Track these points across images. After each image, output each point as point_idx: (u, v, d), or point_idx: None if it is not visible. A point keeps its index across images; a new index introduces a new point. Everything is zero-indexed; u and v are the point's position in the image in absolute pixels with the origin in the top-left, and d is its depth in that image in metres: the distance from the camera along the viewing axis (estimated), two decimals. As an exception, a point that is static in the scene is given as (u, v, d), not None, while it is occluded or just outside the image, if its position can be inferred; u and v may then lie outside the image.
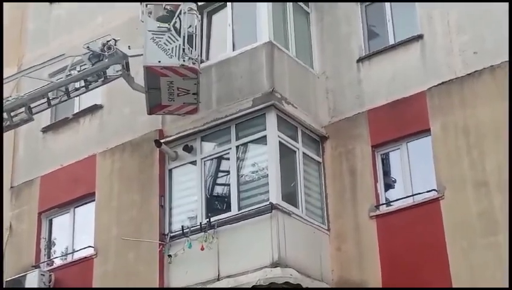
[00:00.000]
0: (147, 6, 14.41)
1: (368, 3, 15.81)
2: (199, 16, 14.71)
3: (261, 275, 13.24)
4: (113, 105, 16.73)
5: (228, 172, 14.58)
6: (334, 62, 15.61)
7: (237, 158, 14.55)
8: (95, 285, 15.39)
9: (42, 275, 15.74)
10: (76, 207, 16.59)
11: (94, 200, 16.14)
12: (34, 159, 17.50)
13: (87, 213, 16.24)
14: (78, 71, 14.80)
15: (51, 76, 16.18)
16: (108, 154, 16.26)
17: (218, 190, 14.84)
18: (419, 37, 14.77)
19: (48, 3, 18.94)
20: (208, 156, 14.93)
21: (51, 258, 16.66)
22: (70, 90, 14.96)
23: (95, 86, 15.02)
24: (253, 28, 15.26)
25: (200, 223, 14.20)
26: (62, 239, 16.64)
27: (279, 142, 14.31)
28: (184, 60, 13.95)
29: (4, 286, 15.79)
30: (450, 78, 14.14)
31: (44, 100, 15.03)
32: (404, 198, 14.15)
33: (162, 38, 14.05)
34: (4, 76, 15.91)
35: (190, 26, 14.29)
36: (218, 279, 13.76)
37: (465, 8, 14.38)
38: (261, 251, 13.49)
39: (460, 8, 14.45)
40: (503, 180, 13.01)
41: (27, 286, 15.63)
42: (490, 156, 13.28)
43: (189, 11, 14.30)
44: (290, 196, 14.20)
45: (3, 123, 14.89)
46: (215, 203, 14.74)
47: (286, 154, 14.44)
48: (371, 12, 15.76)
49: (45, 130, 17.54)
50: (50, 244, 16.79)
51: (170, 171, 15.29)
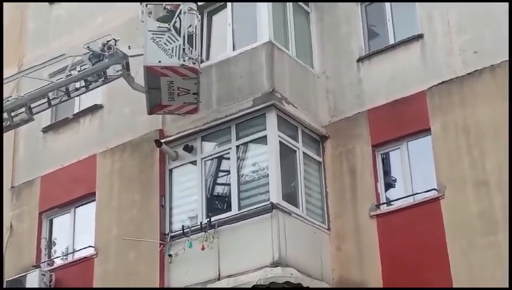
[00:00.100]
0: (147, 6, 14.41)
1: (368, 3, 15.81)
2: (199, 16, 14.70)
3: (261, 274, 13.25)
4: (113, 105, 16.73)
5: (228, 172, 14.58)
6: (334, 62, 15.61)
7: (237, 158, 14.55)
8: (95, 285, 15.39)
9: (43, 275, 15.74)
10: (76, 207, 16.59)
11: (94, 200, 16.13)
12: (34, 159, 17.49)
13: (87, 213, 16.23)
14: (78, 71, 14.81)
15: (51, 76, 16.19)
16: (109, 154, 16.26)
17: (219, 190, 14.84)
18: (419, 37, 14.77)
19: (48, 4, 18.92)
20: (208, 155, 14.94)
21: (52, 258, 16.66)
22: (70, 90, 14.97)
23: (95, 86, 15.03)
24: (253, 28, 15.26)
25: (201, 222, 14.20)
26: (62, 239, 16.63)
27: (280, 142, 14.31)
28: (184, 60, 13.96)
29: (4, 285, 15.78)
30: (450, 78, 14.14)
31: (45, 100, 15.03)
32: (405, 197, 14.15)
33: (162, 38, 14.05)
34: (4, 76, 15.91)
35: (190, 26, 14.29)
36: (218, 279, 13.76)
37: (465, 8, 14.38)
38: (261, 251, 13.49)
39: (460, 8, 14.45)
40: (503, 179, 13.02)
41: (27, 286, 15.62)
42: (490, 156, 13.28)
43: (189, 11, 14.30)
44: (290, 195, 14.20)
45: (4, 123, 14.89)
46: (216, 203, 14.73)
47: (286, 154, 14.44)
48: (371, 12, 15.76)
49: (45, 130, 17.53)
50: (50, 244, 16.78)
51: (170, 171, 15.29)
